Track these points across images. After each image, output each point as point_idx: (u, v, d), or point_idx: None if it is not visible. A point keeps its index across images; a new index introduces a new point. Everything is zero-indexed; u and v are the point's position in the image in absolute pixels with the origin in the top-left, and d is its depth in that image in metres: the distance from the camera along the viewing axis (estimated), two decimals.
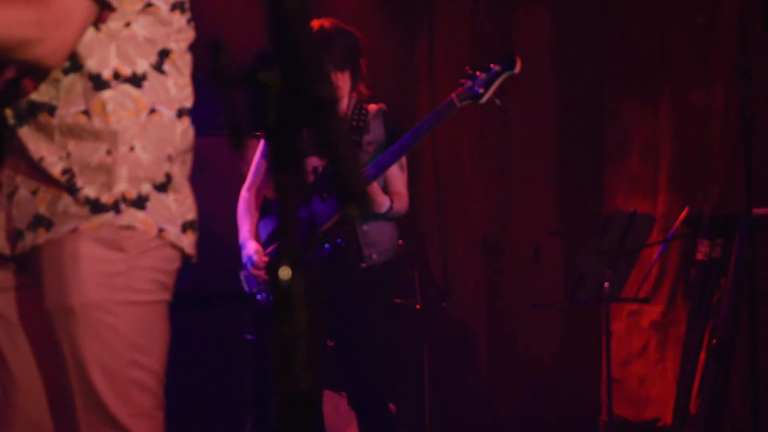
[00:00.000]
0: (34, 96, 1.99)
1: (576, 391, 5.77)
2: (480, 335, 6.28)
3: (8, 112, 2.02)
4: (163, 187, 2.03)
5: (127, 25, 2.00)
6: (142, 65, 2.02)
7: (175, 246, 2.06)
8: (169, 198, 2.05)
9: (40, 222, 1.99)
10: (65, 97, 1.98)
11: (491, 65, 3.96)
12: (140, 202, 1.99)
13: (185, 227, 2.08)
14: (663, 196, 5.43)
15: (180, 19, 2.09)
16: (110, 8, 1.95)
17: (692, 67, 5.43)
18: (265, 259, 3.97)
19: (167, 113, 2.06)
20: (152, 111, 2.03)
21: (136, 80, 2.01)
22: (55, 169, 1.98)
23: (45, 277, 1.99)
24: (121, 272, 1.97)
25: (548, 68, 6.23)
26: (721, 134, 5.32)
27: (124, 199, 1.98)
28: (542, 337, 6.06)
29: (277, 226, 0.78)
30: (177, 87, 2.09)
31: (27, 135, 2.00)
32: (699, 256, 4.83)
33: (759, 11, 5.31)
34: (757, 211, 4.26)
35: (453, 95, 3.94)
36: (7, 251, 2.06)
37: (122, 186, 1.98)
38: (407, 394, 5.38)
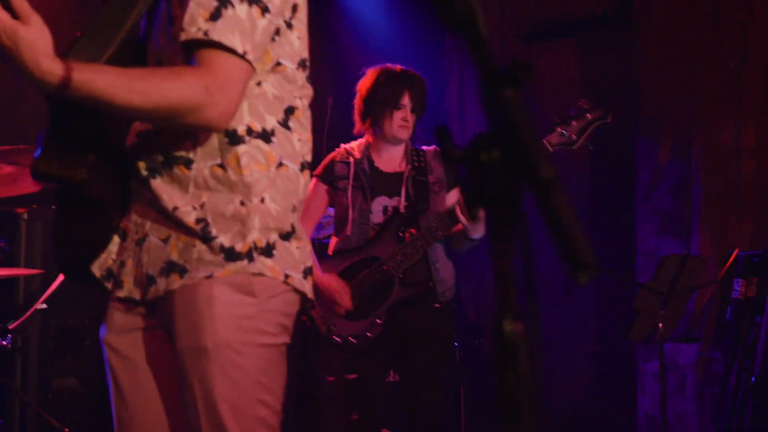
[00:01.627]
0: (172, 149, 2.10)
1: (609, 427, 5.84)
2: None
3: (141, 164, 2.13)
4: (287, 236, 2.15)
5: (259, 84, 2.11)
6: (271, 122, 2.13)
7: (297, 291, 2.16)
8: (293, 245, 2.16)
9: (174, 268, 2.09)
10: (202, 151, 2.09)
11: (587, 114, 4.10)
12: (268, 250, 2.10)
13: (306, 273, 2.19)
14: (696, 236, 5.53)
15: (302, 77, 2.20)
16: (253, 70, 2.05)
17: (722, 107, 5.53)
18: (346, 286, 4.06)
19: (292, 167, 2.17)
20: (280, 165, 2.14)
21: (266, 136, 2.12)
22: (189, 218, 2.08)
23: (178, 320, 2.09)
24: (251, 315, 2.08)
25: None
26: (753, 173, 5.42)
27: (255, 247, 2.09)
28: (575, 372, 6.13)
29: (496, 283, 0.90)
30: (300, 142, 2.20)
31: (160, 186, 2.10)
32: (734, 295, 4.93)
33: None
34: None
35: (544, 141, 4.05)
36: (137, 295, 2.15)
37: (255, 235, 2.08)
38: (444, 429, 5.46)
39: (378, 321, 4.04)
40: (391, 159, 4.24)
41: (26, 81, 1.88)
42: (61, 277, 4.25)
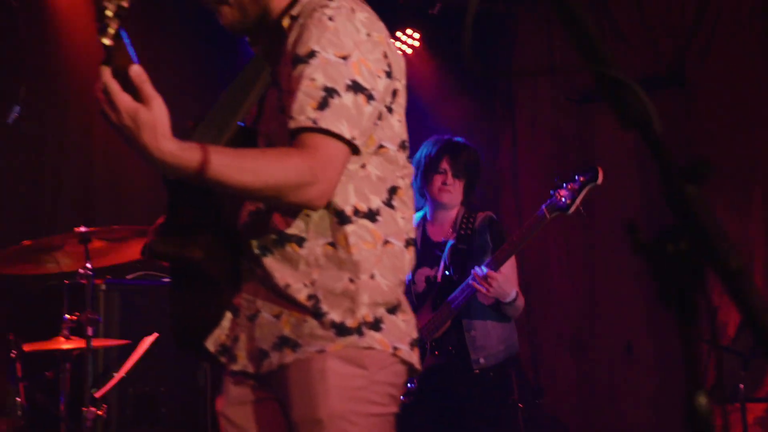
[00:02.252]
0: (284, 228, 2.21)
1: None
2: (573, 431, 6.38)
3: (253, 242, 2.24)
4: (394, 310, 2.26)
5: (363, 166, 2.23)
6: (376, 202, 2.24)
7: (405, 362, 2.26)
8: (399, 318, 2.27)
9: (286, 343, 2.20)
10: (314, 230, 2.20)
11: (576, 176, 4.17)
12: (377, 324, 2.21)
13: (412, 345, 2.30)
14: None
15: (403, 157, 2.31)
16: (357, 152, 2.16)
17: None
18: None
19: (398, 244, 2.28)
20: (386, 242, 2.25)
21: (372, 215, 2.23)
22: (301, 295, 2.19)
23: (292, 393, 2.19)
24: (363, 387, 2.18)
25: (631, 167, 6.38)
26: None
27: (365, 322, 2.19)
28: None
29: (685, 365, 0.98)
30: (404, 219, 2.31)
31: (272, 263, 2.22)
32: None
33: None
34: None
35: (543, 207, 4.15)
36: (250, 369, 2.26)
37: (363, 311, 2.19)
38: None
39: (409, 385, 4.11)
40: (442, 227, 4.38)
41: (145, 160, 1.96)
42: (142, 347, 4.35)
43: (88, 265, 3.99)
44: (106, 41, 1.85)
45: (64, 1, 5.39)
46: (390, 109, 2.26)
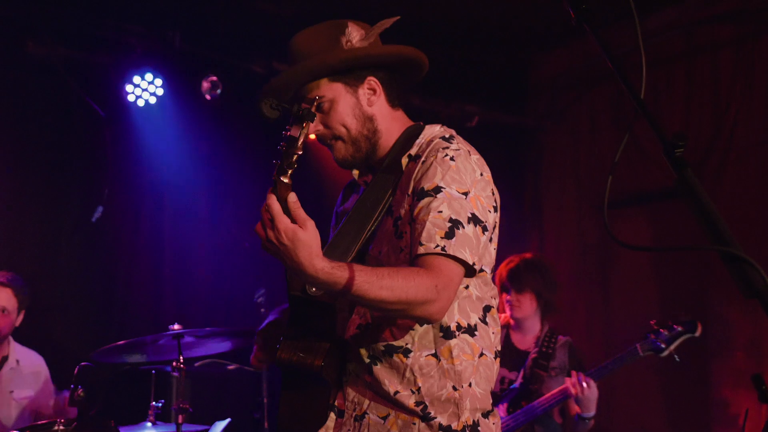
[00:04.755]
0: (391, 341, 2.51)
1: None
2: None
3: (363, 352, 2.54)
4: (487, 414, 2.59)
5: (467, 287, 2.54)
6: (474, 318, 2.54)
7: None
8: (491, 422, 2.61)
9: None
10: (419, 342, 2.50)
11: (675, 326, 4.52)
12: (475, 427, 2.54)
13: None
14: None
15: (490, 279, 2.63)
16: (473, 275, 2.47)
17: None
18: None
19: (489, 356, 2.60)
20: (481, 354, 2.57)
21: (471, 330, 2.53)
22: (410, 401, 2.50)
23: None
24: None
25: (647, 267, 6.72)
26: None
27: (467, 425, 2.52)
28: None
29: None
30: (494, 334, 2.62)
31: (381, 372, 2.52)
32: None
33: None
34: None
35: (637, 345, 4.50)
36: None
37: (466, 415, 2.52)
38: None
39: None
40: (524, 338, 4.78)
41: (297, 275, 2.23)
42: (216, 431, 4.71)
43: (181, 359, 4.40)
44: (285, 180, 2.14)
45: (144, 113, 5.88)
46: (491, 239, 2.54)
